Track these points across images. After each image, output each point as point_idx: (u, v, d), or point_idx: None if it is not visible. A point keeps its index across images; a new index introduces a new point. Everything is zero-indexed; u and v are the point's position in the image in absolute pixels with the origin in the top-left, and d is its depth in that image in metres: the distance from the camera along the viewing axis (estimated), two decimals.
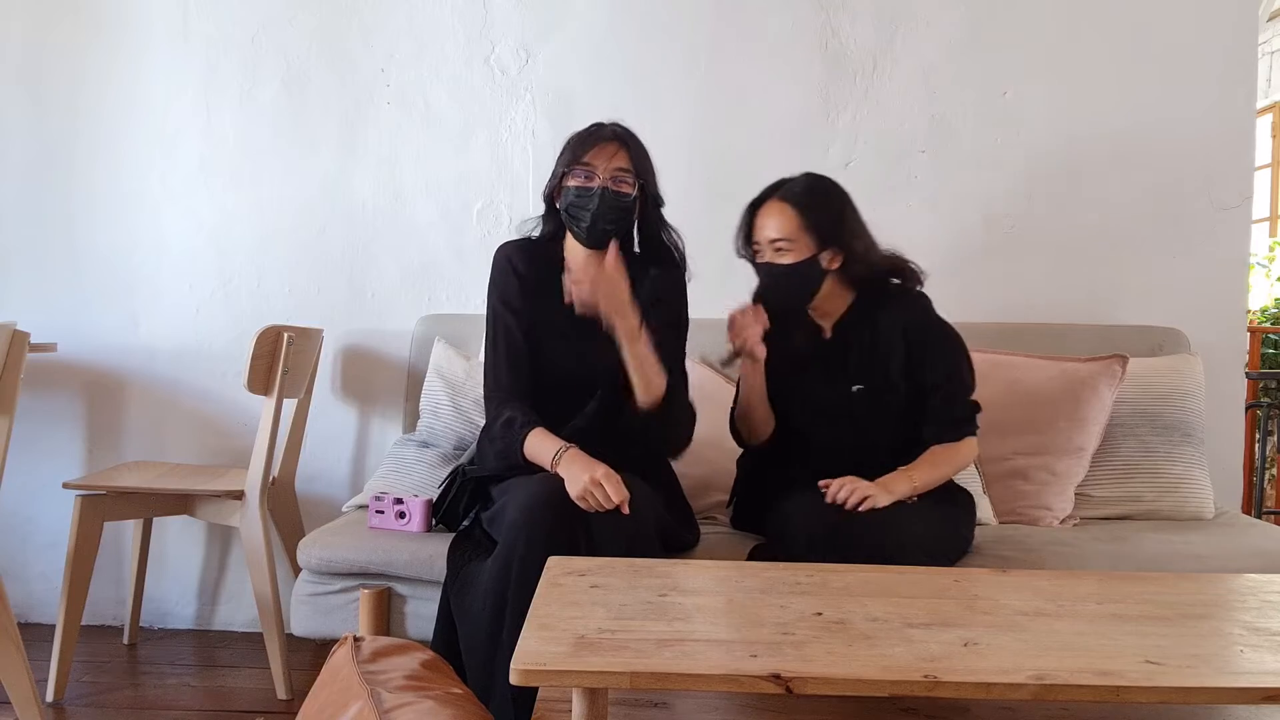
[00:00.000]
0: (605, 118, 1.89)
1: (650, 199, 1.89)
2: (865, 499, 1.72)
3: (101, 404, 2.72)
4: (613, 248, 1.76)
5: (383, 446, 2.65)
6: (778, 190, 1.89)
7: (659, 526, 1.75)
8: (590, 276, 1.72)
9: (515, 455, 1.76)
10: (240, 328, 2.63)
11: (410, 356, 2.54)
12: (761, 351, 1.85)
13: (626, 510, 1.62)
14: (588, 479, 1.62)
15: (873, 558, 1.54)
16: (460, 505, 1.93)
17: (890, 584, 1.37)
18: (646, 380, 1.77)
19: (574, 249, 1.94)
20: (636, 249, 1.98)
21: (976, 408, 1.89)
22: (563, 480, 1.69)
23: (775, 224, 1.86)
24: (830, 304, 1.93)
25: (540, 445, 1.74)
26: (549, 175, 1.92)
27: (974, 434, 1.87)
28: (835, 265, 1.87)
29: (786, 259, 1.85)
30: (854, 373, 1.90)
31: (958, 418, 1.87)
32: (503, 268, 1.94)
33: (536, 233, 1.99)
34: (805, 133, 2.60)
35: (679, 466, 2.12)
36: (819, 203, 1.87)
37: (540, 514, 1.61)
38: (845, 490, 1.73)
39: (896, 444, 1.88)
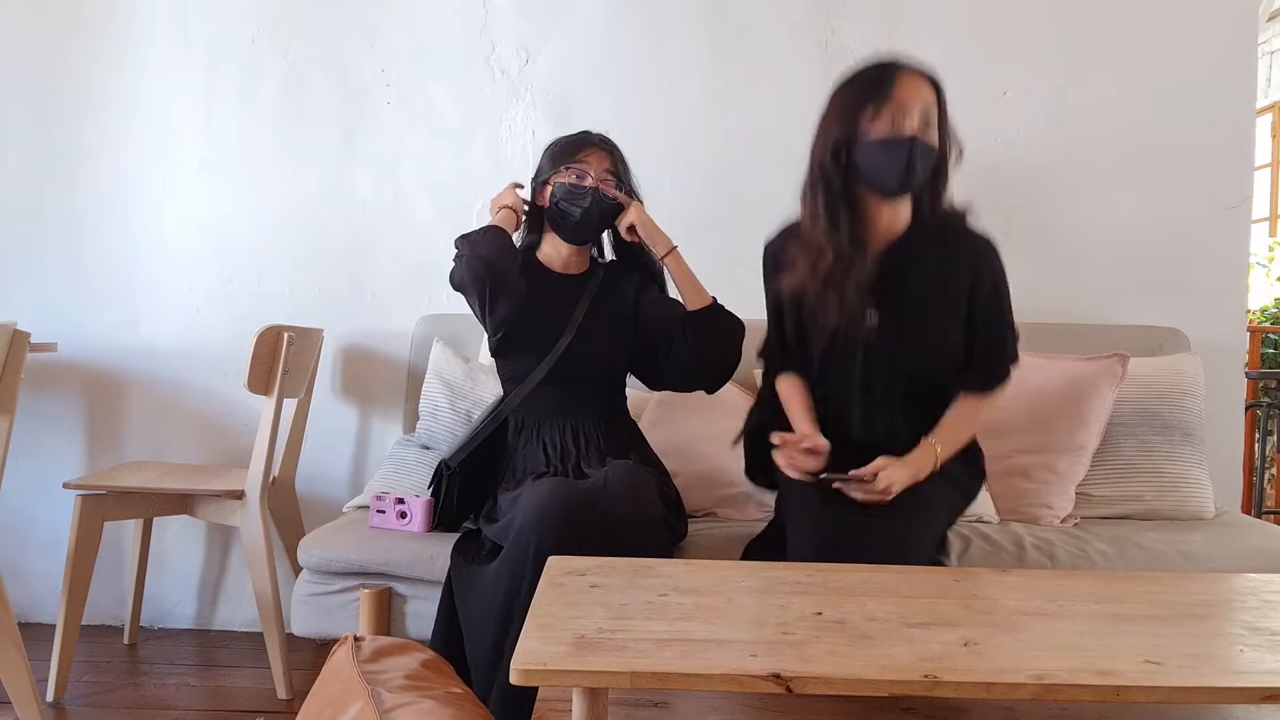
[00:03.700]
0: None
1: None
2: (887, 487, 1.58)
3: (101, 404, 2.72)
4: (636, 204, 1.95)
5: (383, 447, 2.65)
6: (905, 64, 1.64)
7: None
8: (639, 212, 1.94)
9: (484, 230, 1.86)
10: (240, 328, 2.62)
11: (410, 357, 2.54)
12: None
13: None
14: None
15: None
16: (452, 502, 1.94)
17: (890, 584, 1.37)
18: (695, 287, 1.93)
19: (550, 251, 2.01)
20: (610, 255, 2.08)
21: (1015, 359, 1.75)
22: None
23: (930, 97, 1.62)
24: (896, 221, 1.72)
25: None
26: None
27: (1005, 385, 1.74)
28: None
29: (933, 139, 1.62)
30: (880, 298, 1.70)
31: (998, 370, 1.74)
32: None
33: (519, 242, 2.03)
34: (805, 132, 2.58)
35: (677, 464, 2.12)
36: (944, 97, 1.65)
37: (550, 516, 1.62)
38: (873, 488, 1.57)
39: (902, 388, 1.73)
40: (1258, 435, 3.21)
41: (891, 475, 1.60)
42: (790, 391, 1.81)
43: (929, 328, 1.71)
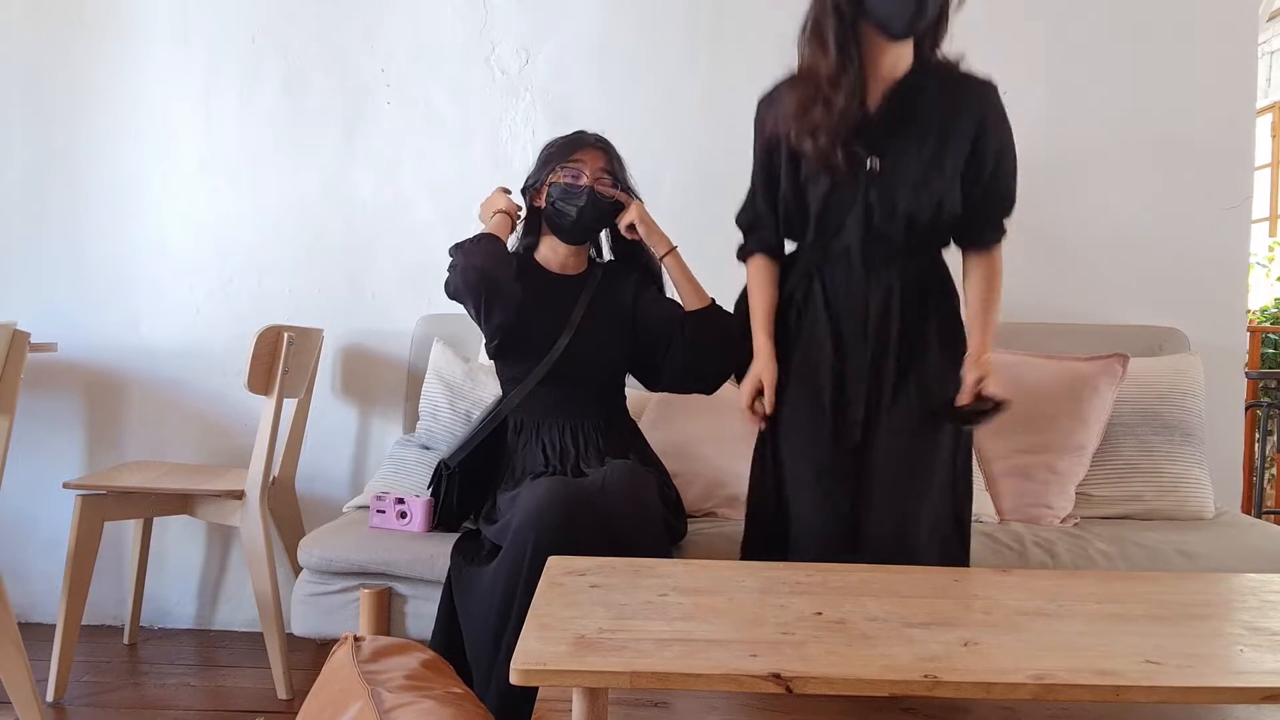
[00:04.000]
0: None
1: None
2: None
3: (101, 404, 2.72)
4: (637, 203, 1.95)
5: (383, 447, 2.65)
6: None
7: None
8: (640, 210, 1.94)
9: (477, 239, 1.89)
10: (240, 328, 2.62)
11: (410, 357, 2.54)
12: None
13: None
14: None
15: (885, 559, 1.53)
16: (452, 502, 1.94)
17: (890, 583, 1.37)
18: (693, 288, 1.94)
19: (548, 252, 2.01)
20: (609, 254, 2.07)
21: (1010, 213, 1.69)
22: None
23: None
24: (898, 64, 1.63)
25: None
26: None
27: (1002, 240, 1.69)
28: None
29: None
30: (881, 142, 1.62)
31: (997, 220, 1.69)
32: None
33: (516, 245, 2.03)
34: None
35: (677, 464, 2.12)
36: None
37: (548, 515, 1.62)
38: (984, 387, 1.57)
39: (902, 238, 1.65)
40: (1258, 435, 3.21)
41: (990, 384, 1.60)
42: (756, 287, 1.76)
43: (931, 173, 1.63)
